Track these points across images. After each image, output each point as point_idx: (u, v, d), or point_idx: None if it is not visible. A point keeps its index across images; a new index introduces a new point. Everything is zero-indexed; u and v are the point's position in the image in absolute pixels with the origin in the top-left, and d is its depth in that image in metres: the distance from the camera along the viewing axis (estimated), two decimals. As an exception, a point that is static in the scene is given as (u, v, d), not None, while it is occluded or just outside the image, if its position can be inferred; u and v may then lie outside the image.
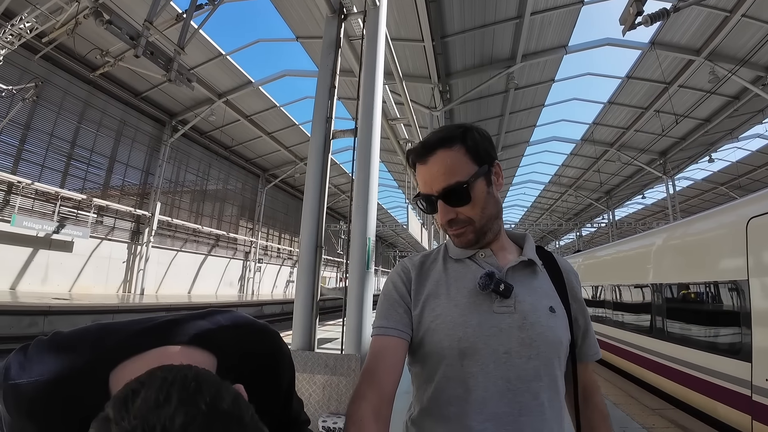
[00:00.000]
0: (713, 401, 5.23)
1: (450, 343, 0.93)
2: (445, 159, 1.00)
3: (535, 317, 0.95)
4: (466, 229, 1.02)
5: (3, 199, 15.05)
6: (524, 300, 0.97)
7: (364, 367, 0.95)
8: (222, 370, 0.69)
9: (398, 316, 1.01)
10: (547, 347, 0.93)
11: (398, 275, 1.09)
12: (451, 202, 1.00)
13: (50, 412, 0.61)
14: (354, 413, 0.85)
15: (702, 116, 18.26)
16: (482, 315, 0.95)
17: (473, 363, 0.92)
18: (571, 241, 47.78)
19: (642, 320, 7.50)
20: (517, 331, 0.93)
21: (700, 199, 29.59)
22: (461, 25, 11.97)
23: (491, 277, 0.96)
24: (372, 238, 3.38)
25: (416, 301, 1.03)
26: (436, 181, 1.00)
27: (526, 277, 1.03)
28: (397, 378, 0.93)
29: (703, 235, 6.02)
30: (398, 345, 0.97)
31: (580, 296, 1.13)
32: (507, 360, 0.91)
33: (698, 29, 13.19)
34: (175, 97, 19.75)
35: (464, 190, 0.98)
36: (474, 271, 1.03)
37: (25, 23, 10.44)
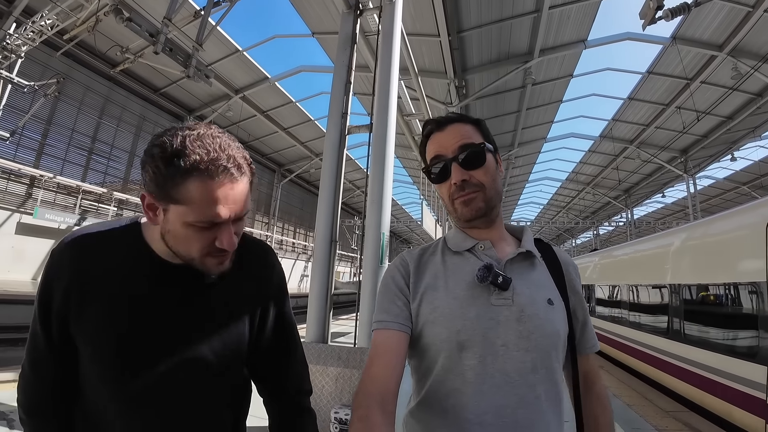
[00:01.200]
0: (728, 405, 5.15)
1: (448, 336, 0.94)
2: (463, 128, 1.06)
3: (533, 309, 0.95)
4: (477, 195, 1.02)
5: (26, 192, 15.49)
6: (522, 292, 0.97)
7: (368, 362, 0.95)
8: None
9: (398, 309, 1.01)
10: (544, 339, 0.94)
11: (396, 268, 1.09)
12: (466, 163, 1.02)
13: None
14: (359, 407, 0.85)
15: (724, 113, 17.78)
16: (480, 307, 0.95)
17: (471, 355, 0.92)
18: (587, 240, 47.17)
19: (658, 321, 7.39)
20: (515, 323, 0.93)
21: (722, 199, 28.84)
22: (478, 20, 11.85)
23: (489, 270, 0.96)
24: (386, 233, 3.40)
25: (415, 294, 1.03)
26: (453, 142, 1.04)
27: (524, 269, 1.03)
28: (401, 371, 0.93)
29: (722, 236, 5.90)
30: (400, 338, 0.97)
31: (578, 289, 1.13)
32: (505, 352, 0.91)
33: (720, 24, 12.84)
34: (192, 93, 20.00)
35: (480, 150, 1.03)
36: (473, 263, 1.03)
37: (46, 20, 10.65)
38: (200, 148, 0.79)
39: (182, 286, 0.94)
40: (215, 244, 0.85)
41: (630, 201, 31.48)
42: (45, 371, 0.93)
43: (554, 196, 38.51)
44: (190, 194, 0.79)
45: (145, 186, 0.83)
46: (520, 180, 32.96)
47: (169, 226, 0.84)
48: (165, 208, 0.82)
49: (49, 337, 0.90)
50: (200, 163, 0.78)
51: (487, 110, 17.80)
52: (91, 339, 0.88)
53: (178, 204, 0.80)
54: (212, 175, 0.79)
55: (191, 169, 0.78)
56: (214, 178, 0.79)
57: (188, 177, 0.78)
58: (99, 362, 0.88)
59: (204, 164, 0.78)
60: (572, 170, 30.08)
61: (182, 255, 0.88)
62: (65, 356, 0.91)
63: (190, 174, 0.78)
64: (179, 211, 0.81)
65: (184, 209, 0.80)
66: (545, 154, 27.06)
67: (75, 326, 0.88)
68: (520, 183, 34.02)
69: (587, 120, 22.29)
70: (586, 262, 13.66)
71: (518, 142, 21.69)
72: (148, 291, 0.91)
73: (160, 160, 0.78)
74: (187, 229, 0.83)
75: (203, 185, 0.79)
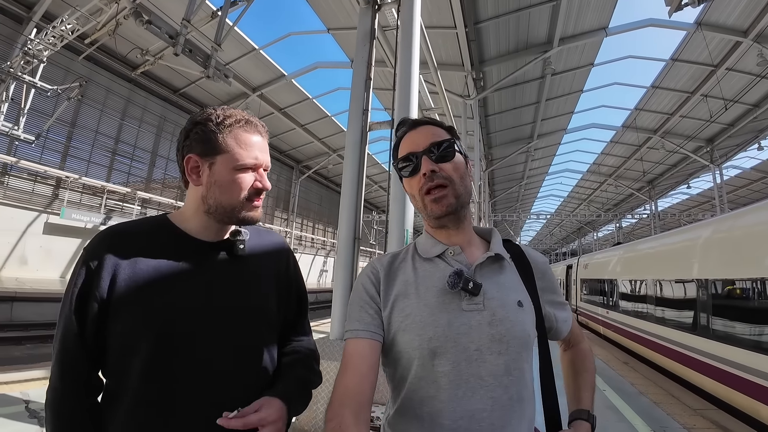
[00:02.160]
0: (757, 402, 5.00)
1: (420, 343, 0.94)
2: (435, 130, 1.10)
3: (504, 313, 0.97)
4: (447, 191, 1.02)
5: (52, 193, 15.94)
6: (493, 296, 0.99)
7: (340, 371, 0.95)
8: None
9: (369, 317, 1.02)
10: (516, 342, 0.95)
11: (367, 276, 1.09)
12: (435, 156, 1.04)
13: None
14: (333, 418, 0.86)
15: (751, 101, 17.22)
16: (452, 314, 0.96)
17: (445, 362, 0.93)
18: (610, 233, 46.33)
19: (685, 317, 7.20)
20: (487, 327, 0.95)
21: (749, 189, 27.93)
22: (495, 10, 11.68)
23: (460, 276, 0.97)
24: (409, 229, 3.38)
25: (385, 302, 1.04)
26: (424, 139, 1.06)
27: (494, 273, 1.04)
28: (374, 380, 0.94)
29: (750, 229, 5.70)
30: (372, 347, 0.98)
31: (548, 284, 1.15)
32: (478, 357, 0.93)
33: (744, 9, 12.43)
34: (211, 93, 20.27)
35: (450, 144, 1.06)
36: (443, 269, 1.04)
37: (66, 25, 10.86)
38: (237, 112, 1.10)
39: (215, 259, 1.09)
40: (255, 185, 1.08)
41: (654, 192, 30.76)
42: (76, 376, 0.95)
43: (575, 189, 37.97)
44: (235, 141, 1.05)
45: (191, 149, 1.06)
46: (540, 172, 32.53)
47: (215, 177, 1.05)
48: (211, 162, 1.05)
49: (83, 332, 0.95)
50: (240, 121, 1.08)
51: (506, 102, 17.58)
52: (138, 314, 0.96)
53: (226, 152, 1.04)
54: (249, 129, 1.09)
55: (234, 124, 1.06)
56: (251, 131, 1.09)
57: (233, 129, 1.06)
58: (144, 339, 0.94)
59: (243, 121, 1.08)
60: (594, 162, 29.59)
61: (225, 205, 1.06)
62: (95, 352, 0.96)
63: (233, 127, 1.06)
64: (226, 159, 1.04)
65: (230, 156, 1.04)
66: (565, 145, 26.67)
67: (116, 308, 0.95)
68: (539, 175, 33.58)
69: (609, 110, 21.92)
70: (608, 256, 13.41)
71: (537, 133, 21.38)
72: (184, 265, 1.04)
73: (208, 122, 1.05)
74: (233, 174, 1.05)
75: (245, 134, 1.07)
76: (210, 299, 1.03)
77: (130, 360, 0.95)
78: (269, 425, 0.93)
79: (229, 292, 1.06)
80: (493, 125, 19.75)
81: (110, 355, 0.97)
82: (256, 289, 1.13)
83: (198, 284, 1.03)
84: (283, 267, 1.24)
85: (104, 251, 0.98)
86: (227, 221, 1.09)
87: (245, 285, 1.10)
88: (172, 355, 0.95)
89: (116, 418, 0.95)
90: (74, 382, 0.95)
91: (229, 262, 1.11)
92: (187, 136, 1.07)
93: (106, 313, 0.95)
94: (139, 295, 0.96)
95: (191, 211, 1.09)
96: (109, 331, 0.96)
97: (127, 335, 0.95)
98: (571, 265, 18.93)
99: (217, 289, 1.05)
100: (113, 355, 0.97)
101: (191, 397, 0.96)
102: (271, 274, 1.19)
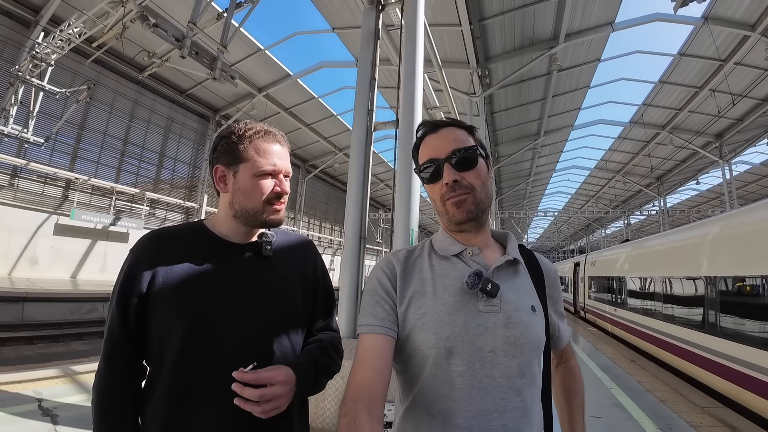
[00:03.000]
0: (764, 401, 4.98)
1: (437, 342, 0.94)
2: (457, 132, 1.08)
3: (519, 316, 0.97)
4: (468, 196, 1.02)
5: (62, 195, 16.13)
6: (509, 299, 0.99)
7: (354, 366, 0.95)
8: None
9: (384, 313, 1.01)
10: (529, 345, 0.96)
11: (383, 271, 1.08)
12: (458, 165, 1.03)
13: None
14: (346, 414, 0.86)
15: (760, 96, 17.03)
16: (469, 314, 0.96)
17: (460, 362, 0.93)
18: (618, 230, 46.01)
19: (693, 314, 7.16)
20: (502, 329, 0.95)
21: (759, 185, 27.55)
22: (500, 7, 11.64)
23: (480, 277, 0.97)
24: (415, 229, 3.40)
25: (402, 298, 1.03)
26: (446, 145, 1.05)
27: (509, 276, 1.05)
28: (387, 376, 0.94)
29: (759, 226, 5.66)
30: (386, 343, 0.97)
31: (556, 294, 1.18)
32: (492, 358, 0.93)
33: (752, 3, 12.31)
34: (217, 93, 20.40)
35: (473, 152, 1.05)
36: (461, 269, 1.04)
37: (74, 29, 10.96)
38: (257, 124, 1.21)
39: (244, 260, 1.19)
40: (275, 189, 1.17)
41: (662, 189, 30.49)
42: (120, 360, 1.07)
43: (582, 185, 37.74)
44: (255, 150, 1.16)
45: (218, 160, 1.18)
46: (547, 169, 32.37)
47: (239, 184, 1.16)
48: (235, 170, 1.16)
49: (126, 323, 1.06)
50: (260, 132, 1.19)
51: (512, 99, 17.50)
52: (174, 309, 1.06)
53: (247, 161, 1.15)
54: (268, 139, 1.19)
55: (254, 135, 1.17)
56: (269, 140, 1.19)
57: (253, 140, 1.17)
58: (181, 329, 1.04)
59: (263, 132, 1.19)
60: (601, 158, 29.37)
61: (249, 209, 1.16)
62: (138, 342, 1.08)
63: (253, 138, 1.17)
64: (248, 166, 1.15)
65: (251, 164, 1.15)
66: (573, 142, 26.49)
67: (155, 303, 1.07)
68: (547, 172, 33.41)
69: (616, 105, 21.67)
70: (616, 254, 13.34)
71: (544, 130, 21.27)
72: (217, 264, 1.14)
73: (231, 134, 1.17)
74: (254, 180, 1.15)
75: (264, 143, 1.18)
76: (237, 298, 1.11)
77: (164, 352, 1.06)
78: (278, 384, 0.99)
79: (256, 292, 1.15)
80: (500, 122, 19.68)
81: (150, 346, 1.08)
82: (281, 288, 1.20)
83: (227, 284, 1.12)
84: (311, 267, 1.32)
85: (146, 253, 1.11)
86: (252, 224, 1.20)
87: (272, 284, 1.19)
88: (198, 350, 1.04)
89: (150, 404, 1.06)
90: (119, 367, 1.06)
91: (257, 262, 1.20)
92: (215, 149, 1.19)
93: (145, 309, 1.07)
94: (172, 294, 1.07)
95: (222, 216, 1.22)
96: (148, 325, 1.08)
97: (162, 330, 1.06)
98: (578, 262, 18.85)
99: (245, 289, 1.13)
100: (152, 346, 1.08)
101: (213, 390, 1.03)
102: (298, 274, 1.26)
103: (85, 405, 3.95)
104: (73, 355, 9.51)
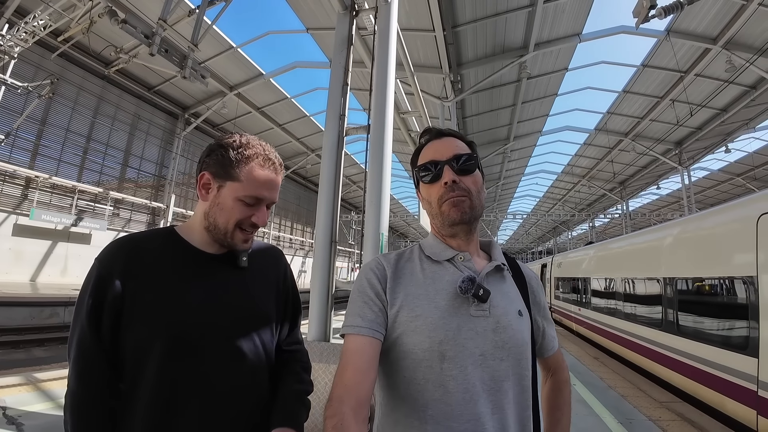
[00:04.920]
0: (721, 396, 5.23)
1: (431, 345, 0.95)
2: (458, 142, 1.14)
3: (507, 321, 1.00)
4: (465, 199, 1.06)
5: (21, 194, 15.46)
6: (497, 304, 1.02)
7: (340, 368, 0.94)
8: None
9: (373, 314, 1.00)
10: (516, 348, 0.99)
11: (373, 271, 1.08)
12: (458, 169, 1.08)
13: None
14: (333, 416, 0.84)
15: (719, 106, 17.90)
16: (461, 318, 0.98)
17: (453, 365, 0.94)
18: (584, 232, 47.37)
19: (652, 314, 7.47)
20: (492, 334, 0.97)
21: (716, 190, 29.03)
22: (473, 14, 11.87)
23: (473, 282, 1.00)
24: (385, 233, 3.45)
25: (393, 300, 1.03)
26: (448, 150, 1.10)
27: (497, 282, 1.08)
28: (374, 378, 0.93)
29: (714, 230, 5.96)
30: (373, 345, 0.97)
31: (540, 300, 1.21)
32: (483, 362, 0.95)
33: (715, 17, 12.92)
34: (187, 91, 19.94)
35: (473, 159, 1.10)
36: (452, 273, 1.06)
37: (39, 21, 10.56)
38: (259, 146, 1.15)
39: (219, 270, 1.15)
40: (251, 219, 1.13)
41: (625, 193, 31.66)
42: (93, 377, 0.99)
43: (550, 189, 38.65)
44: (247, 174, 1.11)
45: (207, 167, 1.13)
46: (517, 173, 33.04)
47: (219, 200, 1.12)
48: (221, 185, 1.12)
49: (98, 337, 1.00)
50: (259, 155, 1.13)
51: (483, 104, 17.82)
52: (148, 323, 1.01)
53: (235, 181, 1.10)
54: (265, 165, 1.14)
55: (252, 156, 1.12)
56: (266, 167, 1.14)
57: (249, 162, 1.11)
58: (157, 343, 1.00)
59: (262, 156, 1.14)
60: (568, 163, 30.19)
61: (219, 227, 1.12)
62: (111, 356, 1.01)
63: (251, 160, 1.12)
64: (234, 187, 1.10)
65: (238, 185, 1.10)
66: (541, 147, 27.17)
67: (128, 316, 1.01)
68: (516, 176, 34.09)
69: (582, 113, 22.37)
70: (580, 255, 13.75)
71: (514, 135, 21.72)
72: (192, 275, 1.11)
73: (229, 147, 1.11)
74: (235, 203, 1.11)
75: (260, 170, 1.12)
76: (215, 312, 1.08)
77: (141, 367, 1.00)
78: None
79: (234, 304, 1.12)
80: (471, 127, 20.01)
81: (125, 361, 1.01)
82: (258, 299, 1.19)
83: (203, 298, 1.08)
84: (281, 276, 1.30)
85: (115, 264, 1.04)
86: (218, 242, 1.15)
87: (248, 296, 1.16)
88: (177, 367, 1.01)
89: (126, 422, 1.00)
90: (95, 386, 0.99)
91: (233, 273, 1.17)
92: (209, 155, 1.14)
93: (118, 322, 1.01)
94: (147, 310, 1.02)
95: (196, 224, 1.17)
96: (121, 342, 1.01)
97: (138, 344, 1.01)
98: (545, 264, 19.31)
99: (223, 302, 1.10)
100: (127, 360, 1.01)
101: (195, 403, 1.01)
102: (271, 284, 1.25)
103: (51, 413, 3.85)
104: (34, 361, 9.11)
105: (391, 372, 1.01)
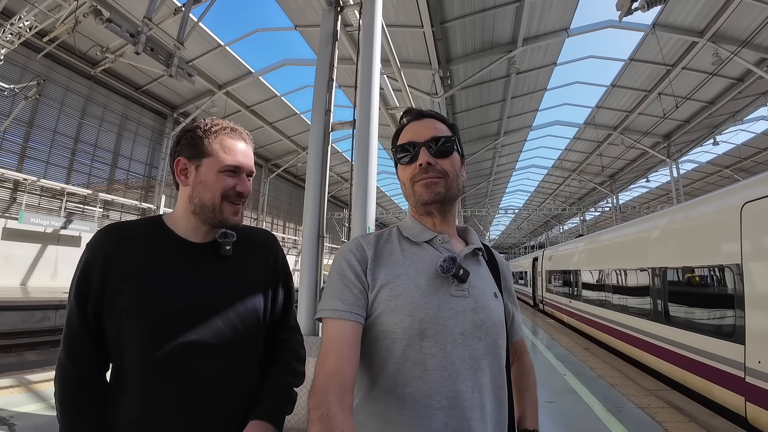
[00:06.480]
0: (709, 383, 5.32)
1: (411, 324, 0.95)
2: (439, 123, 1.14)
3: (485, 301, 1.03)
4: (441, 180, 1.07)
5: (10, 197, 15.29)
6: (476, 285, 1.04)
7: (321, 355, 0.92)
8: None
9: (353, 297, 0.99)
10: (494, 329, 1.01)
11: (352, 253, 1.06)
12: (435, 151, 1.08)
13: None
14: (318, 406, 0.83)
15: (706, 99, 18.11)
16: (441, 297, 0.99)
17: (432, 344, 0.95)
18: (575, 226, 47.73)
19: (642, 304, 7.57)
20: (471, 313, 0.99)
21: (705, 182, 29.34)
22: (461, 10, 11.88)
23: (454, 262, 1.01)
24: (372, 227, 3.47)
25: (373, 282, 1.02)
26: (427, 131, 1.10)
27: (474, 264, 1.11)
28: (356, 363, 0.93)
29: (700, 220, 6.05)
30: (354, 329, 0.96)
31: (510, 286, 1.25)
32: (462, 341, 0.96)
33: (701, 11, 13.04)
34: (175, 90, 19.80)
35: (450, 142, 1.11)
36: (432, 254, 1.07)
37: (24, 22, 10.43)
38: (224, 122, 1.22)
39: (202, 260, 1.17)
40: (235, 189, 1.17)
41: (615, 186, 31.96)
42: (80, 355, 1.06)
43: (541, 184, 38.92)
44: (220, 146, 1.16)
45: (181, 153, 1.18)
46: (507, 168, 33.20)
47: (201, 177, 1.16)
48: (198, 164, 1.16)
49: (84, 318, 1.06)
50: (226, 128, 1.20)
51: (473, 100, 17.87)
52: (129, 310, 1.05)
53: (211, 156, 1.15)
54: (234, 136, 1.20)
55: (220, 131, 1.18)
56: (235, 137, 1.20)
57: (218, 135, 1.17)
58: (137, 331, 1.04)
59: (229, 128, 1.21)
60: (558, 157, 30.44)
61: (207, 204, 1.16)
62: (98, 337, 1.07)
63: (219, 134, 1.18)
64: (211, 162, 1.15)
65: (214, 159, 1.15)
66: (531, 142, 27.39)
67: (111, 302, 1.05)
68: (507, 171, 34.26)
69: (571, 107, 22.57)
70: (571, 248, 13.87)
71: (504, 130, 21.83)
72: (174, 265, 1.13)
73: (196, 128, 1.17)
74: (216, 176, 1.15)
75: (229, 140, 1.19)
76: (196, 299, 1.09)
77: (124, 350, 1.05)
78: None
79: (216, 294, 1.13)
80: (461, 122, 20.06)
81: (109, 345, 1.08)
82: (242, 289, 1.19)
83: (185, 287, 1.10)
84: (272, 262, 1.29)
85: (102, 249, 1.09)
86: (210, 222, 1.18)
87: (232, 286, 1.17)
88: (157, 351, 1.03)
89: (114, 399, 1.06)
90: (81, 362, 1.05)
91: (216, 263, 1.17)
92: (178, 142, 1.19)
93: (101, 306, 1.06)
94: (129, 297, 1.05)
95: (181, 212, 1.19)
96: (105, 323, 1.06)
97: (119, 329, 1.05)
98: (537, 257, 19.46)
99: (205, 291, 1.12)
100: (112, 345, 1.07)
101: (175, 389, 1.04)
102: (259, 272, 1.24)
103: (43, 414, 3.86)
104: (26, 365, 9.03)
105: (370, 351, 1.00)
